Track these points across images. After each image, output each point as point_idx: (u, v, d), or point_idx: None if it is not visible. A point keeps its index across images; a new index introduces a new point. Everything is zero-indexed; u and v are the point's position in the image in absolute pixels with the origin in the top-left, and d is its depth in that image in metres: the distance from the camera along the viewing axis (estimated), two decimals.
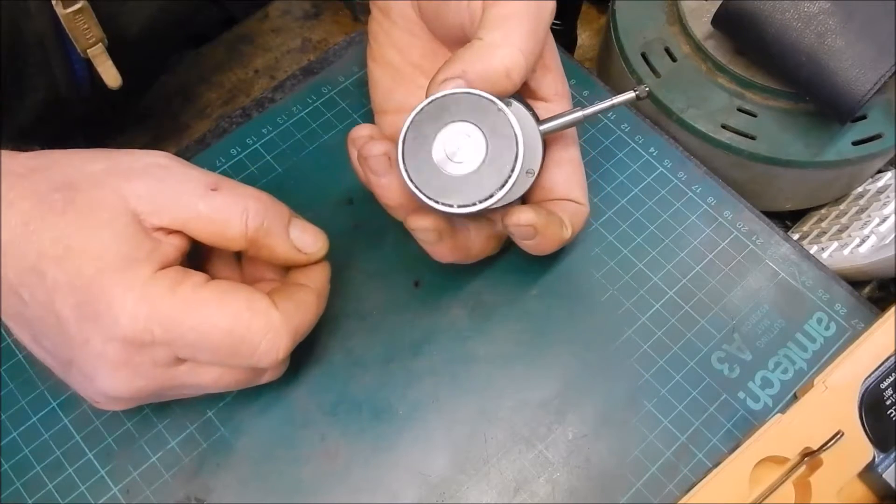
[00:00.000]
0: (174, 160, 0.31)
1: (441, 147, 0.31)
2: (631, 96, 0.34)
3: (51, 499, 0.34)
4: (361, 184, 0.35)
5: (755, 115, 0.43)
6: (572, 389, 0.37)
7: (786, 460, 0.33)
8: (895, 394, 0.34)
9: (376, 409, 0.36)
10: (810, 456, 0.33)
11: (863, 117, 0.43)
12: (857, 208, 0.46)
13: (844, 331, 0.38)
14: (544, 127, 0.34)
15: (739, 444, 0.34)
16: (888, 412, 0.34)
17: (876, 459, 0.33)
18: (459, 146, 0.31)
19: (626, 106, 0.44)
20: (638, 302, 0.39)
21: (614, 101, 0.34)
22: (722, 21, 0.43)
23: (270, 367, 0.32)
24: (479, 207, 0.31)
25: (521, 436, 0.36)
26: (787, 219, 0.50)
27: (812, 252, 0.42)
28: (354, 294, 0.39)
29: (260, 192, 0.32)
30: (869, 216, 0.45)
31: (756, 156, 0.43)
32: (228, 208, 0.30)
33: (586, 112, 0.34)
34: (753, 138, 0.43)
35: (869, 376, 0.34)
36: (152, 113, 0.54)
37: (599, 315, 0.38)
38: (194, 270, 0.30)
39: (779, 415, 0.34)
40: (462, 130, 0.31)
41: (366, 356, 0.38)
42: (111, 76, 0.41)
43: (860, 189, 0.48)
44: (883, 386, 0.34)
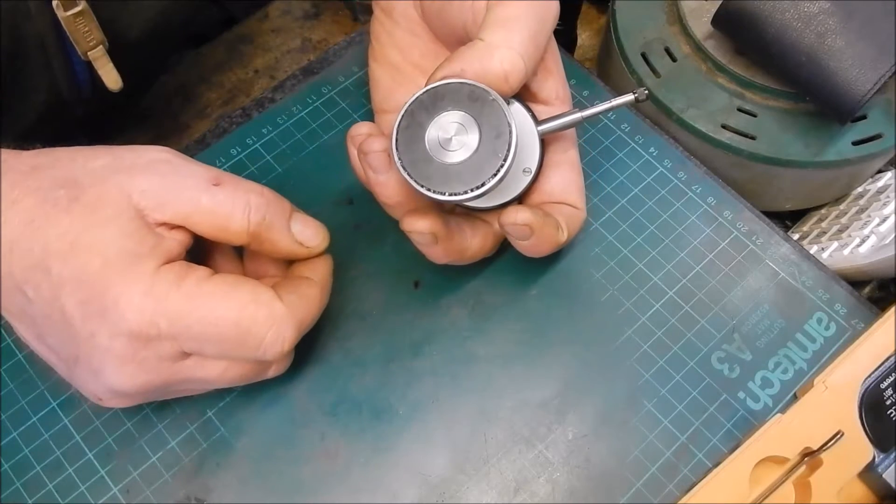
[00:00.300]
0: (176, 155, 0.31)
1: (435, 135, 0.31)
2: (630, 99, 0.34)
3: (51, 499, 0.35)
4: (361, 184, 0.35)
5: (755, 115, 0.43)
6: (572, 389, 0.37)
7: (786, 460, 0.33)
8: (895, 394, 0.34)
9: (376, 409, 0.36)
10: (810, 456, 0.33)
11: (863, 117, 0.43)
12: (857, 208, 0.46)
13: (844, 331, 0.38)
14: (543, 127, 0.34)
15: (739, 444, 0.34)
16: (888, 412, 0.34)
17: (876, 459, 0.33)
18: (453, 135, 0.31)
19: (626, 106, 0.44)
20: (638, 302, 0.39)
21: (613, 104, 0.34)
22: (722, 21, 0.43)
23: (276, 360, 0.32)
24: (471, 195, 0.31)
25: (521, 436, 0.36)
26: (787, 219, 0.50)
27: (812, 252, 0.42)
28: (354, 294, 0.39)
29: (262, 187, 0.32)
30: (869, 216, 0.45)
31: (756, 156, 0.43)
32: (231, 203, 0.30)
33: (585, 114, 0.34)
34: (753, 138, 0.43)
35: (869, 376, 0.34)
36: (152, 113, 0.54)
37: (599, 315, 0.39)
38: (198, 265, 0.31)
39: (779, 415, 0.34)
40: (456, 119, 0.31)
41: (366, 356, 0.38)
42: (112, 79, 0.41)
43: (860, 189, 0.48)
44: (883, 386, 0.34)
